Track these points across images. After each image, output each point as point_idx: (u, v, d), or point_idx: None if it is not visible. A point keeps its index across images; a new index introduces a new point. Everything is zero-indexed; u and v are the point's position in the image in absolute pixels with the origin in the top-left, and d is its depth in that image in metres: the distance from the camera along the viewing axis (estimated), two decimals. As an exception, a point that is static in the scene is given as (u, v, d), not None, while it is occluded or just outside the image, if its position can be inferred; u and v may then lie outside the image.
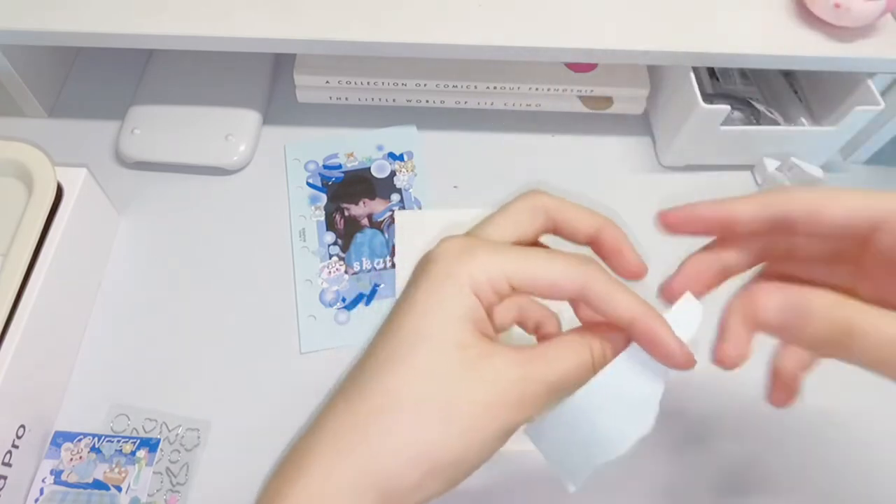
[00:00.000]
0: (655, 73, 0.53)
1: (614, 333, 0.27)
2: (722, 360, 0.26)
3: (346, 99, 0.54)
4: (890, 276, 0.26)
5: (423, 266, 0.28)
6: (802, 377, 0.30)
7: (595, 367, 0.26)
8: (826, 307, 0.24)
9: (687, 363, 0.26)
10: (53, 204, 0.41)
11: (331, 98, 0.54)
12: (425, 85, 0.52)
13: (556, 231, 0.29)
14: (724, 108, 0.47)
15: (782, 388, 0.30)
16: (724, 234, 0.29)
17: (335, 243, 0.48)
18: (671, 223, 0.29)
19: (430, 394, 0.25)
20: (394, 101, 0.54)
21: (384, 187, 0.51)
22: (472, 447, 0.25)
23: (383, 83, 0.52)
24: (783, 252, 0.28)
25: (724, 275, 0.29)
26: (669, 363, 0.26)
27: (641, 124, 0.56)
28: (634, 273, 0.29)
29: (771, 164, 0.51)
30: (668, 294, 0.29)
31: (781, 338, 0.27)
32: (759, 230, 0.27)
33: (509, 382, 0.25)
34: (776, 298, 0.25)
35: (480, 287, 0.26)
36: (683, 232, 0.29)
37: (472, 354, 0.25)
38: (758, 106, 0.53)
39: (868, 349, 0.23)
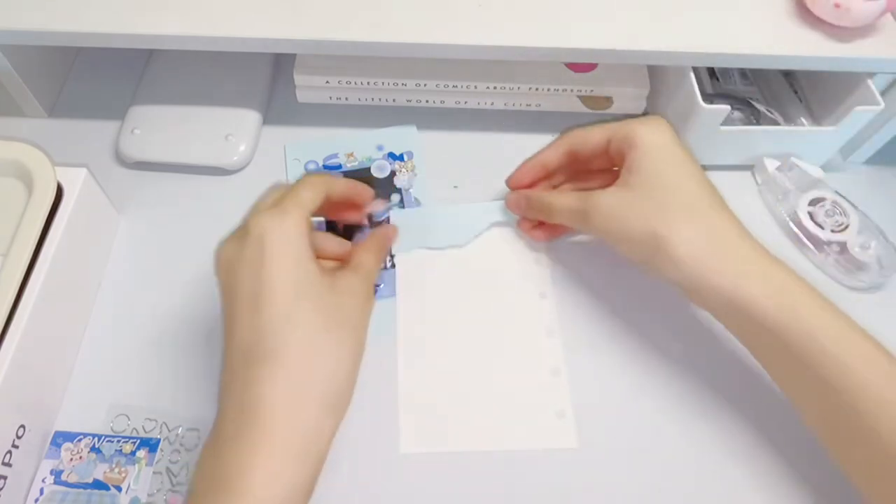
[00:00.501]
0: (655, 73, 0.53)
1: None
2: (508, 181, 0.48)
3: (346, 99, 0.54)
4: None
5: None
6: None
7: (379, 258, 0.42)
8: (536, 197, 0.46)
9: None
10: (53, 204, 0.41)
11: (331, 98, 0.54)
12: (425, 85, 0.52)
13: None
14: (724, 108, 0.47)
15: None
16: (544, 174, 0.46)
17: (335, 243, 0.48)
18: (515, 185, 0.47)
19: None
20: (394, 101, 0.54)
21: (384, 187, 0.51)
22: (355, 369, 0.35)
23: (383, 83, 0.52)
24: (585, 169, 0.46)
25: (545, 173, 0.47)
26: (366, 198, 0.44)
27: (641, 124, 0.56)
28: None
29: (771, 164, 0.51)
30: (512, 185, 0.47)
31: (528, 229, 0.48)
32: (563, 161, 0.45)
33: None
34: (513, 196, 0.48)
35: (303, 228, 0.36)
36: (523, 186, 0.47)
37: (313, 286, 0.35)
38: (758, 106, 0.53)
39: (558, 212, 0.44)
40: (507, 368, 0.44)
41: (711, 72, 0.55)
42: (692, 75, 0.48)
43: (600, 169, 0.45)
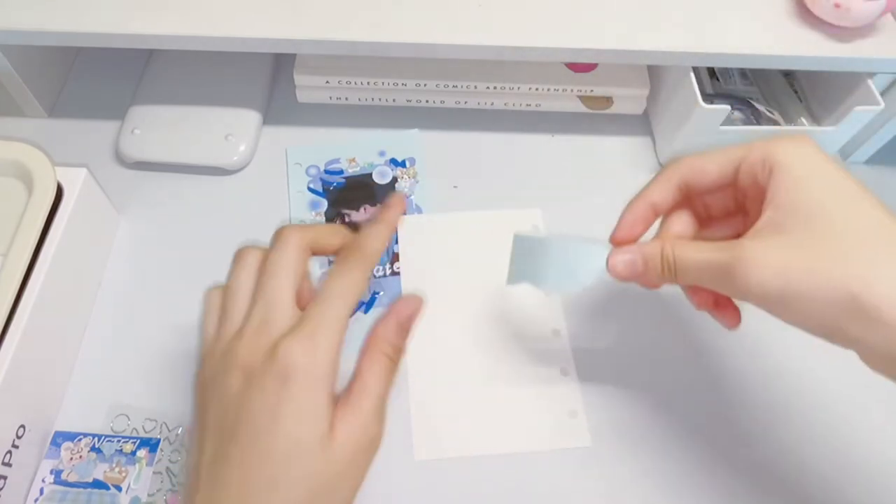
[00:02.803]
0: (655, 73, 0.53)
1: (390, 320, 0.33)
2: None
3: (346, 99, 0.54)
4: (758, 208, 0.31)
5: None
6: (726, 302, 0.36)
7: (395, 361, 0.32)
8: (653, 254, 0.33)
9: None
10: (53, 204, 0.41)
11: (331, 98, 0.54)
12: (425, 85, 0.52)
13: (314, 253, 0.34)
14: (724, 108, 0.47)
15: (720, 315, 0.36)
16: (655, 218, 0.35)
17: (335, 248, 0.48)
18: (621, 241, 0.35)
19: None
20: (394, 101, 0.54)
21: (385, 193, 0.51)
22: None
23: (383, 83, 0.52)
24: (703, 213, 0.36)
25: (655, 216, 0.35)
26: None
27: (641, 124, 0.56)
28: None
29: None
30: (618, 243, 0.35)
31: (643, 284, 0.35)
32: (674, 201, 0.34)
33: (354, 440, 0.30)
34: (624, 258, 0.34)
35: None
36: (634, 239, 0.35)
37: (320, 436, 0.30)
38: (758, 106, 0.53)
39: (691, 271, 0.32)
40: (517, 370, 0.44)
41: (711, 72, 0.55)
42: (692, 75, 0.48)
43: (724, 213, 0.35)
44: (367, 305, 0.46)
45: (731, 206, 0.35)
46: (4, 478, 0.36)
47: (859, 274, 0.27)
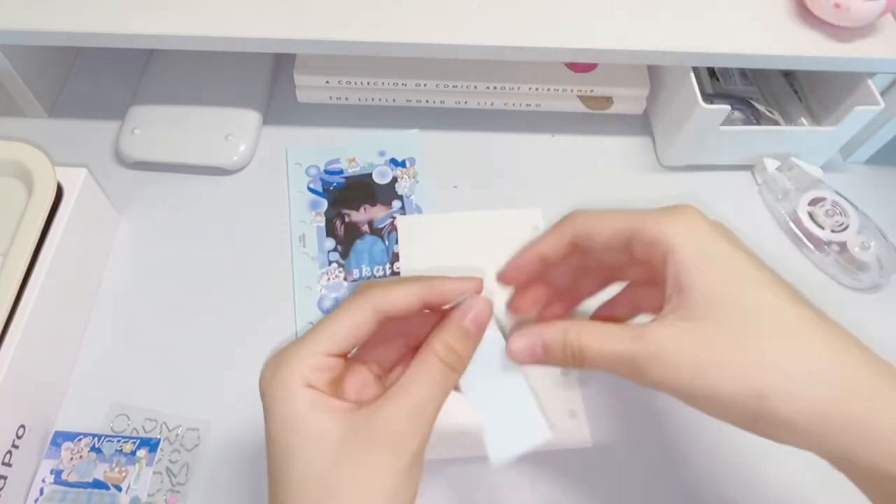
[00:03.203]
0: (655, 73, 0.53)
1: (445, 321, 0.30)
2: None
3: (346, 99, 0.54)
4: (652, 283, 0.30)
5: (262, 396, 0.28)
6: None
7: (452, 366, 0.29)
8: (555, 340, 0.30)
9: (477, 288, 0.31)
10: (53, 204, 0.41)
11: (331, 98, 0.54)
12: (425, 85, 0.52)
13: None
14: (724, 108, 0.47)
15: None
16: (545, 269, 0.33)
17: (335, 249, 0.48)
18: (506, 281, 0.34)
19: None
20: (394, 101, 0.54)
21: (385, 193, 0.51)
22: None
23: (383, 83, 0.52)
24: (597, 273, 0.34)
25: (543, 267, 0.33)
26: (466, 290, 0.31)
27: (641, 124, 0.56)
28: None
29: (771, 164, 0.51)
30: (503, 281, 0.34)
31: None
32: (564, 253, 0.32)
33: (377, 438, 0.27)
34: (522, 343, 0.31)
35: (308, 377, 0.27)
36: (516, 282, 0.34)
37: (335, 437, 0.26)
38: (758, 106, 0.53)
39: (598, 362, 0.29)
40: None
41: (711, 72, 0.55)
42: (692, 75, 0.48)
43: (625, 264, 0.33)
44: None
45: (637, 276, 0.33)
46: (4, 478, 0.36)
47: (765, 374, 0.26)
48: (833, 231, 0.48)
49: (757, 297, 0.28)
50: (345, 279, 0.47)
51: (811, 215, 0.49)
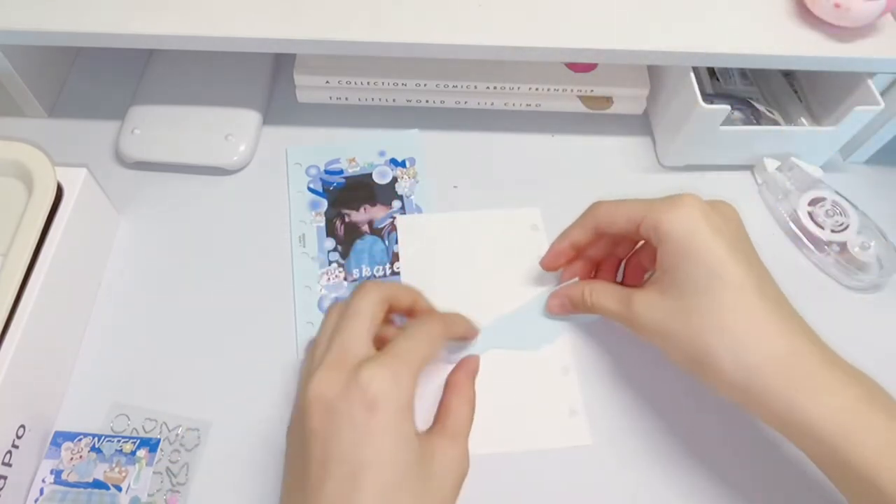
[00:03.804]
0: (655, 73, 0.53)
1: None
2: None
3: (346, 99, 0.54)
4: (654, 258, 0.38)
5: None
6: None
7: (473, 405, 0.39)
8: (576, 295, 0.42)
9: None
10: (53, 204, 0.41)
11: (331, 98, 0.54)
12: (425, 85, 0.52)
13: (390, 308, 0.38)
14: (724, 108, 0.47)
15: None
16: (579, 253, 0.43)
17: (335, 249, 0.48)
18: (548, 268, 0.44)
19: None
20: (394, 101, 0.54)
21: (385, 193, 0.51)
22: None
23: (383, 83, 0.52)
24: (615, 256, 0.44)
25: (576, 252, 0.43)
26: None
27: (641, 124, 0.56)
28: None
29: (771, 164, 0.51)
30: (546, 268, 0.44)
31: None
32: (591, 239, 0.42)
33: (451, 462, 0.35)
34: (555, 301, 0.44)
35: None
36: (556, 268, 0.44)
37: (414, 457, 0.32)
38: (758, 106, 0.53)
39: (605, 314, 0.41)
40: (517, 369, 0.44)
41: (711, 72, 0.55)
42: (692, 75, 0.48)
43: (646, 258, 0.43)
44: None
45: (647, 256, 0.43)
46: (4, 478, 0.36)
47: (712, 336, 0.34)
48: (833, 231, 0.48)
49: (720, 286, 0.34)
50: (345, 279, 0.47)
51: (811, 215, 0.49)
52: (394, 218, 0.50)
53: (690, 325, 0.35)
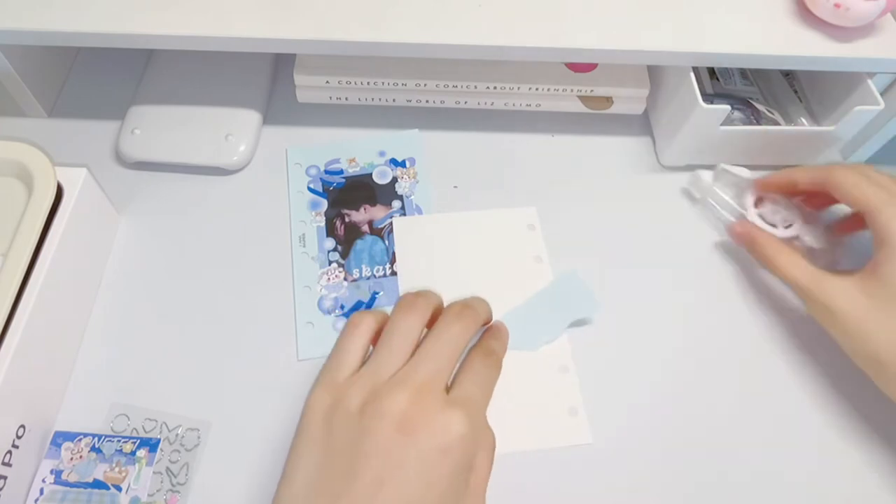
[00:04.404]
0: (655, 73, 0.53)
1: None
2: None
3: (346, 99, 0.54)
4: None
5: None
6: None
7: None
8: (760, 241, 0.45)
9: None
10: (53, 204, 0.41)
11: (331, 98, 0.54)
12: (425, 85, 0.52)
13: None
14: (724, 108, 0.47)
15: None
16: (792, 191, 0.46)
17: (335, 249, 0.48)
18: (762, 187, 0.47)
19: None
20: (394, 101, 0.54)
21: (385, 194, 0.51)
22: None
23: (383, 83, 0.52)
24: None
25: (791, 190, 0.46)
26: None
27: (641, 124, 0.56)
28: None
29: (706, 175, 0.50)
30: (759, 187, 0.47)
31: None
32: (814, 189, 0.44)
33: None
34: (740, 228, 0.47)
35: None
36: (769, 189, 0.47)
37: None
38: (758, 106, 0.53)
39: (779, 274, 0.44)
40: (516, 369, 0.43)
41: (711, 72, 0.55)
42: (692, 75, 0.48)
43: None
44: (366, 306, 0.46)
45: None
46: (4, 478, 0.36)
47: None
48: (785, 228, 0.46)
49: None
50: (345, 279, 0.47)
51: (762, 217, 0.47)
52: (394, 217, 0.50)
53: (890, 329, 0.37)
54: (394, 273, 0.47)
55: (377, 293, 0.46)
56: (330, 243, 0.48)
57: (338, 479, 0.29)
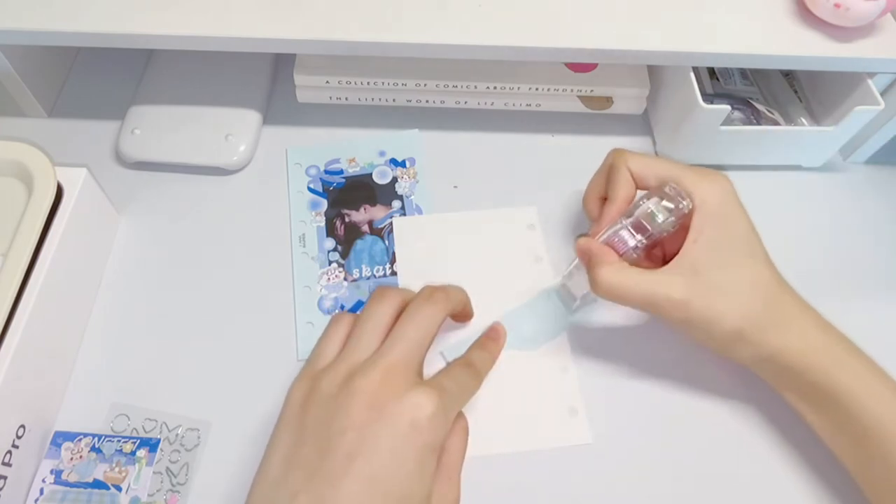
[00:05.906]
0: (655, 73, 0.53)
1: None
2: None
3: (346, 99, 0.54)
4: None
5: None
6: None
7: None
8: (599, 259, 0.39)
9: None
10: (53, 204, 0.41)
11: (331, 98, 0.54)
12: (425, 85, 0.52)
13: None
14: (724, 108, 0.47)
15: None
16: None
17: (335, 249, 0.48)
18: (590, 217, 0.45)
19: None
20: (394, 101, 0.54)
21: (385, 194, 0.51)
22: None
23: (383, 83, 0.52)
24: None
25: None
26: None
27: (641, 124, 0.56)
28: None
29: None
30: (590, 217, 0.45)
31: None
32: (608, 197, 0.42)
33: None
34: (585, 243, 0.40)
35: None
36: (595, 217, 0.44)
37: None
38: (758, 106, 0.53)
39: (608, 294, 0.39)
40: (516, 370, 0.44)
41: (711, 72, 0.55)
42: (692, 75, 0.48)
43: None
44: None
45: None
46: (4, 478, 0.37)
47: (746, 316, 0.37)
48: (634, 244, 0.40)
49: (748, 256, 0.38)
50: (345, 279, 0.47)
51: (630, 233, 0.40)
52: (394, 217, 0.50)
53: (724, 311, 0.37)
54: (394, 273, 0.47)
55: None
56: (330, 243, 0.48)
57: (312, 456, 0.31)
